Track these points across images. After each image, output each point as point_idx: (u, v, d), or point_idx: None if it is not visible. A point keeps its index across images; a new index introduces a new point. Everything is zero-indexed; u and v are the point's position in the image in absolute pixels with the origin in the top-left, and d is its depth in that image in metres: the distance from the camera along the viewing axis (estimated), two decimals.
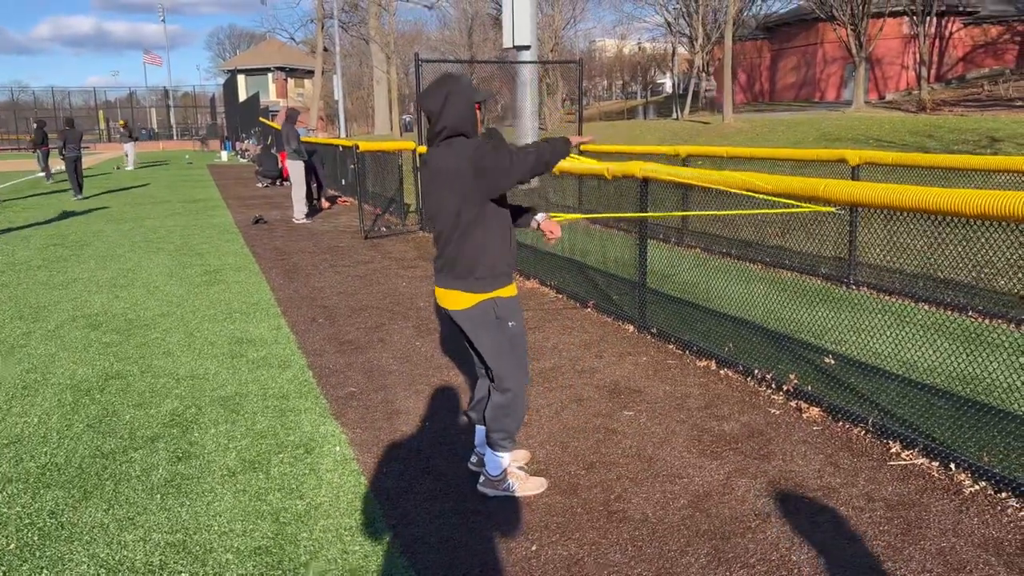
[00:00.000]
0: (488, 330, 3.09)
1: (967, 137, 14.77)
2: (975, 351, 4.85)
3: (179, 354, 5.32)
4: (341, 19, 42.75)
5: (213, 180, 21.07)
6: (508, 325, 3.12)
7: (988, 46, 44.11)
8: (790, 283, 6.86)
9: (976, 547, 2.80)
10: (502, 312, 3.11)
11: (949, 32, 43.20)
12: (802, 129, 18.91)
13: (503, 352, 3.11)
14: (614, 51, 66.66)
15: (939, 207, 3.25)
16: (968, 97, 33.27)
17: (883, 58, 40.89)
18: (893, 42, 40.28)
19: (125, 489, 3.38)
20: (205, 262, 8.73)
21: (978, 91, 34.54)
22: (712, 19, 36.56)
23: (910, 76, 41.59)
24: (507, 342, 3.12)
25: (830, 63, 44.36)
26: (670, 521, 3.05)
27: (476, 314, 3.07)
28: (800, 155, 7.43)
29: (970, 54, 44.03)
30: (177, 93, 72.99)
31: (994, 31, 44.05)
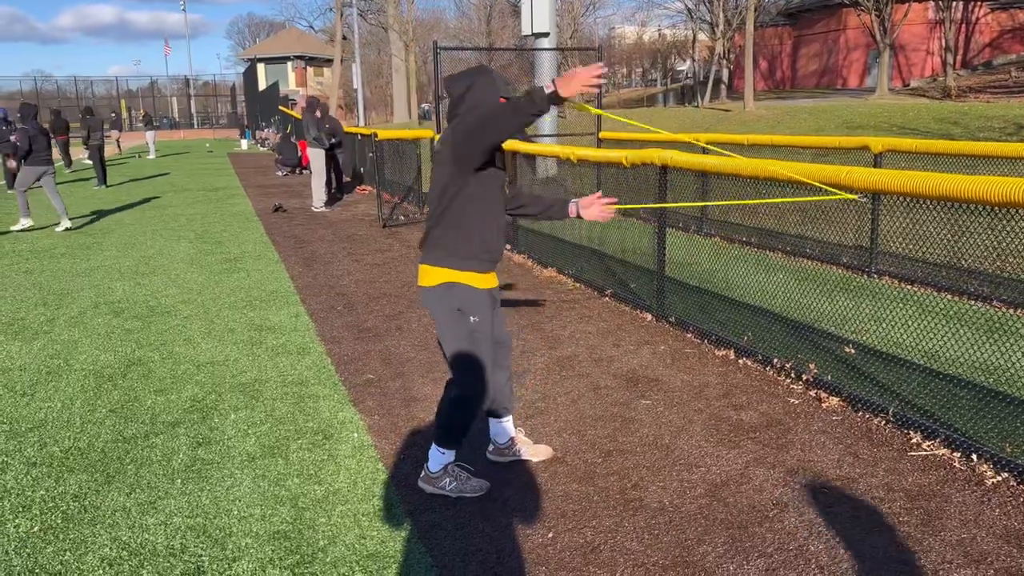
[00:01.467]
0: (447, 318, 3.00)
1: (993, 124, 14.56)
2: (999, 340, 4.79)
3: (199, 341, 5.37)
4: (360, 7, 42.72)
5: (233, 169, 21.19)
6: (469, 320, 3.00)
7: (1016, 31, 43.31)
8: (811, 272, 6.81)
9: (997, 538, 2.77)
10: (466, 304, 2.99)
11: (976, 17, 42.46)
12: (824, 117, 18.70)
13: (459, 347, 3.01)
14: (633, 38, 66.22)
15: (963, 195, 3.20)
16: (995, 83, 32.72)
17: (907, 44, 40.28)
18: (918, 28, 39.66)
19: (147, 474, 3.42)
20: (225, 250, 8.79)
21: (1005, 77, 33.95)
22: (733, 5, 36.17)
23: (935, 62, 40.97)
24: (466, 337, 3.01)
25: (853, 50, 43.77)
26: (687, 510, 3.04)
27: (437, 295, 2.99)
28: (822, 143, 7.35)
29: (997, 40, 43.27)
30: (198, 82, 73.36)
31: (1021, 16, 43.25)
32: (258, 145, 33.29)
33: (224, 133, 48.00)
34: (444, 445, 3.14)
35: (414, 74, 45.50)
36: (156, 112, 54.33)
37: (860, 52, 43.24)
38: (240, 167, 21.56)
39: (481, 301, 3.04)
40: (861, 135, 15.16)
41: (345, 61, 47.72)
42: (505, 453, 3.43)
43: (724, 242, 8.34)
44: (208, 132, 50.55)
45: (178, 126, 56.23)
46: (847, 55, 44.22)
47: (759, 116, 21.19)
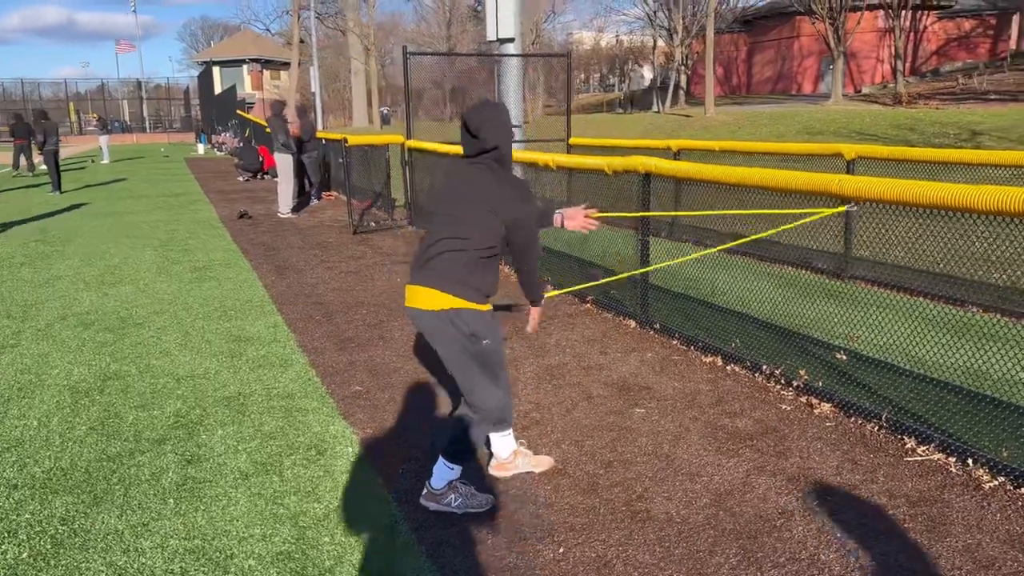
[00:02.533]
0: (457, 342, 2.97)
1: (947, 130, 14.95)
2: (979, 345, 4.88)
3: (177, 353, 5.22)
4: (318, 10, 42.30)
5: (191, 174, 20.77)
6: (483, 343, 2.98)
7: (961, 40, 44.65)
8: (786, 277, 6.88)
9: (1002, 543, 2.81)
10: (477, 327, 2.97)
11: (923, 26, 43.67)
12: (784, 122, 19.02)
13: (474, 370, 3.00)
14: (591, 44, 66.66)
15: (954, 203, 3.26)
16: (943, 90, 33.68)
17: (859, 52, 41.26)
18: (869, 36, 40.65)
19: (136, 493, 3.30)
20: (193, 258, 8.59)
21: (953, 84, 34.98)
22: (691, 12, 36.66)
23: (885, 69, 42.03)
24: (480, 360, 3.00)
25: (806, 56, 44.66)
26: (695, 520, 3.03)
27: (444, 319, 2.95)
28: (796, 149, 7.45)
29: (944, 47, 44.56)
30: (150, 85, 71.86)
31: (967, 25, 44.61)
32: (215, 149, 32.70)
33: (179, 137, 47.08)
34: (453, 461, 3.09)
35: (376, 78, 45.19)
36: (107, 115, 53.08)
37: (813, 59, 44.15)
38: (199, 172, 21.15)
39: (489, 322, 3.03)
40: (822, 140, 15.45)
41: (302, 64, 47.17)
42: (508, 467, 3.39)
43: (696, 247, 8.39)
44: (162, 136, 49.51)
45: (130, 130, 54.97)
46: (801, 62, 45.11)
47: (721, 121, 21.47)
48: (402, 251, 8.92)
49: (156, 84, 75.47)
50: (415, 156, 10.40)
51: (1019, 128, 14.01)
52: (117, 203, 14.18)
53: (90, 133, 42.09)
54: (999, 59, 41.16)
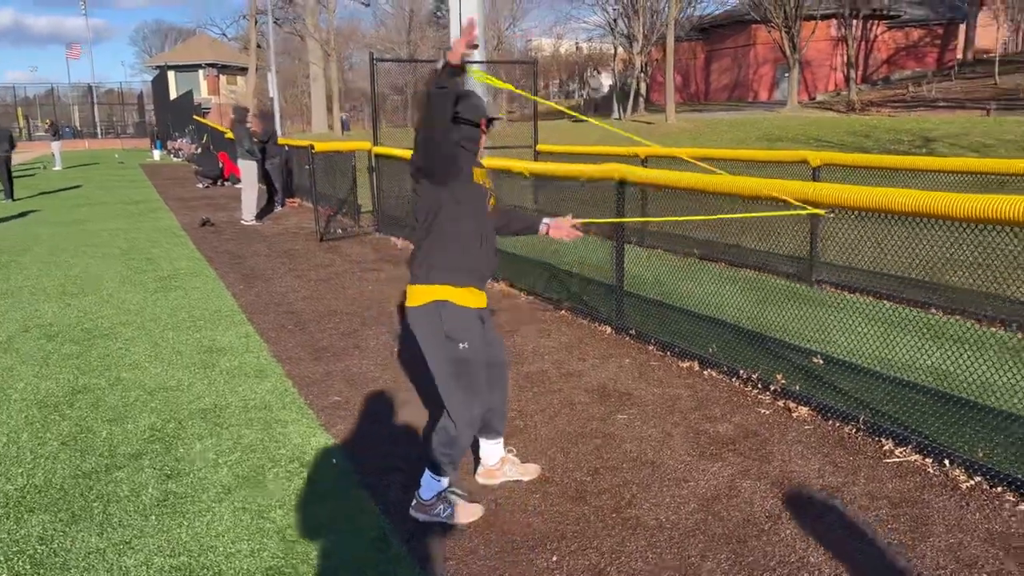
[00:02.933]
0: (435, 343, 2.94)
1: (902, 137, 15.33)
2: (946, 347, 5.01)
3: (147, 365, 5.11)
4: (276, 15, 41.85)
5: (149, 181, 20.38)
6: (459, 347, 2.93)
7: (910, 49, 45.91)
8: (755, 282, 6.99)
9: (983, 542, 2.89)
10: (455, 329, 2.92)
11: (874, 35, 44.79)
12: (744, 129, 19.33)
13: (450, 375, 2.97)
14: (551, 51, 67.04)
15: (932, 211, 3.34)
16: (894, 98, 34.58)
17: (813, 60, 42.14)
18: (822, 44, 41.56)
19: (116, 510, 3.22)
20: (157, 267, 8.42)
21: (903, 92, 35.92)
22: (650, 20, 37.08)
23: (838, 77, 43.00)
24: (456, 364, 2.95)
25: (762, 64, 45.50)
26: (684, 526, 3.06)
27: (424, 315, 2.93)
28: (763, 156, 7.57)
29: (894, 56, 45.77)
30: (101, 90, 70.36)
31: (915, 34, 45.88)
32: (172, 155, 32.13)
33: (133, 143, 46.09)
34: (438, 472, 3.07)
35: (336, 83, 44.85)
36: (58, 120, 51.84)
37: (769, 67, 44.99)
38: (156, 179, 20.76)
39: (470, 323, 2.99)
40: (781, 147, 15.74)
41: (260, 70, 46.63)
42: (496, 475, 3.39)
43: (667, 254, 8.47)
44: (115, 142, 48.46)
45: (81, 135, 53.74)
46: (757, 69, 45.94)
47: (682, 128, 21.75)
48: (371, 258, 8.86)
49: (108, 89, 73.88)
50: (382, 162, 10.35)
51: (970, 135, 14.44)
52: (74, 211, 13.84)
53: (40, 139, 41.08)
54: (946, 68, 42.41)
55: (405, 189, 9.83)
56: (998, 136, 15.01)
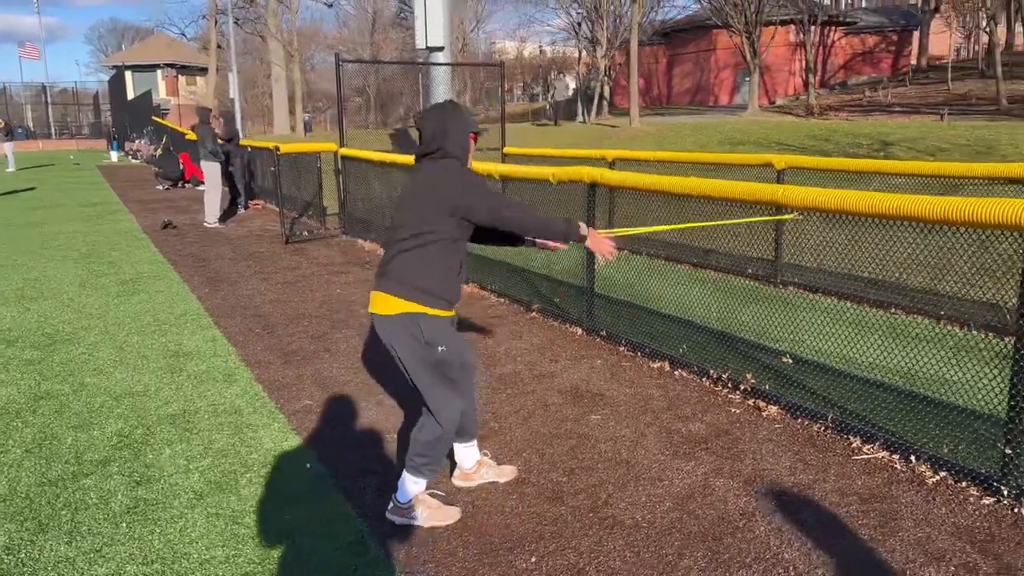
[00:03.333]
0: (412, 349, 2.94)
1: (861, 141, 15.65)
2: (908, 346, 5.12)
3: (111, 370, 5.01)
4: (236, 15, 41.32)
5: (107, 182, 19.97)
6: (437, 350, 2.95)
7: (866, 55, 46.88)
8: (722, 283, 7.08)
9: (950, 536, 2.96)
10: (432, 334, 2.94)
11: (832, 41, 45.63)
12: (706, 133, 19.57)
13: (430, 378, 2.97)
14: (514, 54, 67.20)
15: (897, 212, 3.43)
16: (851, 103, 35.29)
17: (772, 65, 42.80)
18: (781, 49, 42.23)
19: (84, 518, 3.16)
20: (119, 270, 8.26)
21: (860, 97, 36.68)
22: (613, 23, 37.37)
23: (797, 82, 43.74)
24: (435, 368, 2.97)
25: (723, 69, 46.08)
26: (660, 524, 3.09)
27: (398, 324, 2.93)
28: (729, 159, 7.68)
29: (850, 62, 46.69)
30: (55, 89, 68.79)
31: (871, 40, 46.86)
32: (129, 157, 31.54)
33: (88, 144, 45.13)
34: (417, 475, 3.06)
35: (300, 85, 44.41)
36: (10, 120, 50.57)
37: (729, 71, 45.59)
38: (114, 181, 20.35)
39: (445, 329, 3.01)
40: (744, 151, 15.98)
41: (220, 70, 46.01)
42: (472, 477, 3.39)
43: (632, 255, 8.54)
44: (70, 143, 47.41)
45: (35, 136, 52.48)
46: (718, 74, 46.51)
47: (646, 132, 21.95)
48: (338, 261, 8.79)
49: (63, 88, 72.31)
50: (348, 164, 10.28)
51: (926, 139, 14.79)
52: (29, 213, 13.51)
53: None
54: (901, 73, 43.40)
55: (372, 191, 9.78)
56: (952, 140, 15.40)
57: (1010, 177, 5.99)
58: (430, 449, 3.03)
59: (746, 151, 15.88)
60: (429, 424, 3.02)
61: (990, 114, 23.79)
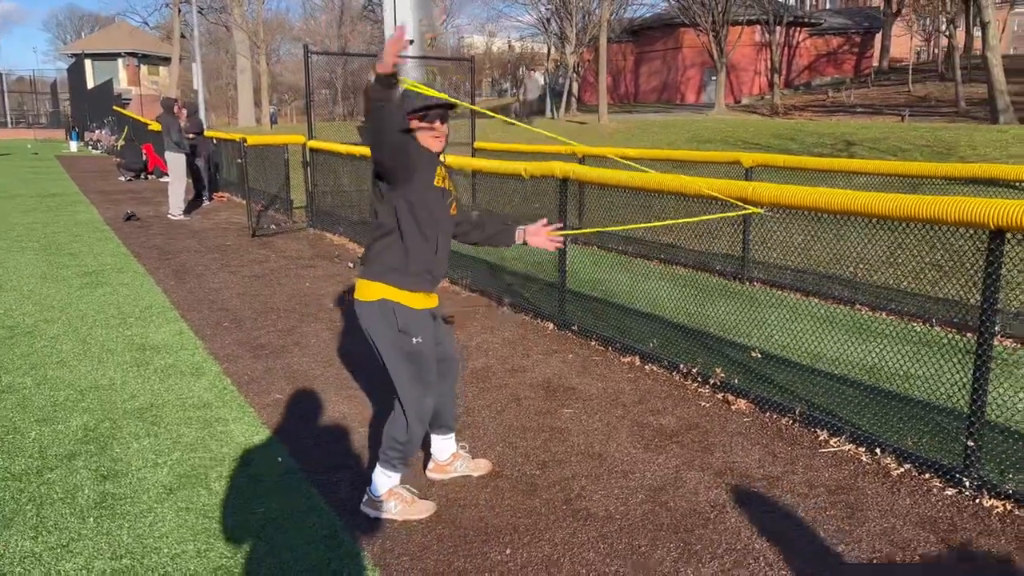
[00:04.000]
0: (387, 338, 2.92)
1: (824, 140, 15.89)
2: (872, 342, 5.23)
3: (75, 364, 4.92)
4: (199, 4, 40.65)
5: (66, 173, 19.55)
6: (412, 340, 2.92)
7: (830, 56, 47.59)
8: (691, 279, 7.15)
9: (914, 526, 3.03)
10: (407, 324, 2.91)
11: (796, 41, 46.22)
12: (674, 130, 19.73)
13: (403, 369, 2.95)
14: (483, 48, 67.09)
15: (865, 210, 3.49)
16: (814, 103, 35.82)
17: (738, 64, 43.27)
18: (747, 49, 42.70)
19: (50, 513, 3.10)
20: (81, 262, 8.10)
21: (823, 97, 37.25)
22: (583, 21, 37.46)
23: (762, 82, 44.29)
24: (408, 359, 2.94)
25: (689, 67, 46.46)
26: (633, 517, 3.12)
27: (375, 311, 2.91)
28: (698, 157, 7.75)
29: (814, 63, 47.36)
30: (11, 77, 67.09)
31: (835, 42, 47.57)
32: (89, 147, 30.91)
33: (46, 133, 44.12)
34: (390, 469, 3.05)
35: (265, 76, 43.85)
36: None
37: (696, 70, 45.99)
38: (74, 171, 19.92)
39: (421, 321, 2.98)
40: (711, 148, 16.14)
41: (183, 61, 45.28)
42: (447, 470, 3.39)
43: (600, 251, 8.59)
44: (27, 132, 46.30)
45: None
46: (684, 72, 46.88)
47: (615, 129, 22.05)
48: (307, 254, 8.71)
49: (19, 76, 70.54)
50: (316, 157, 10.19)
51: (888, 139, 15.08)
52: None
53: None
54: (864, 75, 44.15)
55: (341, 184, 9.71)
56: (913, 141, 15.71)
57: (969, 177, 6.14)
58: (401, 442, 3.02)
59: (713, 148, 16.04)
60: (400, 417, 3.01)
61: (949, 116, 24.32)
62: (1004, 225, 2.99)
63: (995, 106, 20.02)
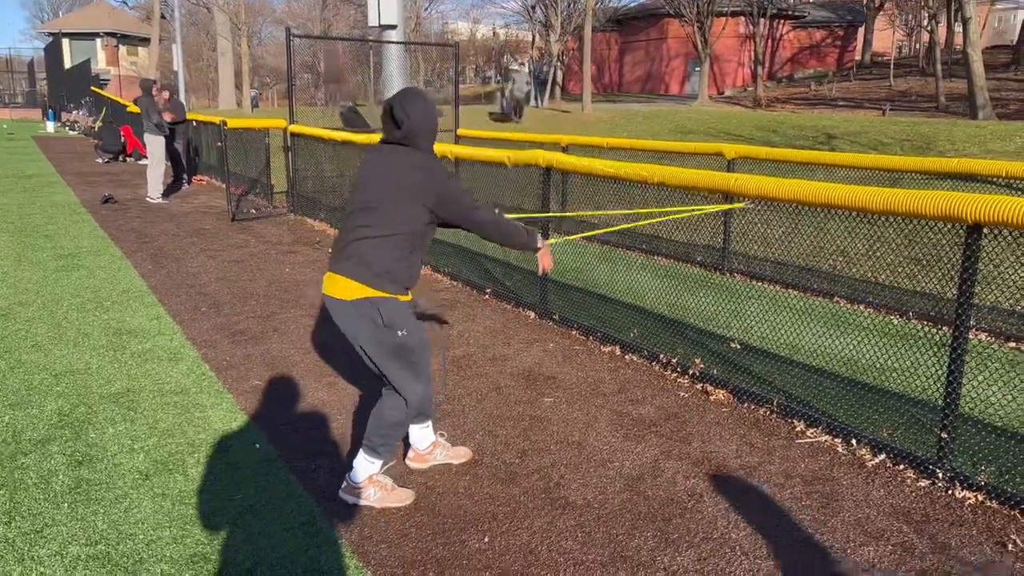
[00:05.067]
0: (372, 333, 2.91)
1: (807, 133, 15.99)
2: (850, 334, 5.28)
3: (50, 348, 4.86)
4: None
5: (43, 154, 19.25)
6: (397, 334, 2.93)
7: (812, 48, 47.79)
8: (671, 270, 7.18)
9: (888, 516, 3.07)
10: (392, 318, 2.91)
11: (780, 34, 46.35)
12: (658, 121, 19.75)
13: (392, 360, 2.95)
14: (467, 35, 66.71)
15: (845, 202, 3.52)
16: (797, 95, 35.97)
17: (722, 55, 43.33)
18: (731, 40, 42.77)
19: (24, 498, 3.06)
20: (56, 245, 7.99)
21: (805, 90, 37.42)
22: (568, 9, 37.32)
23: (745, 73, 44.39)
24: (397, 350, 2.95)
25: (673, 58, 46.45)
26: (611, 505, 3.14)
27: (356, 310, 2.89)
28: (681, 148, 7.76)
29: (797, 55, 47.53)
30: None
31: (818, 35, 47.76)
32: (67, 128, 30.46)
33: (22, 113, 43.38)
34: (373, 456, 3.04)
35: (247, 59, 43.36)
36: None
37: (680, 60, 45.99)
38: (51, 152, 19.62)
39: (404, 312, 2.98)
40: (694, 139, 16.18)
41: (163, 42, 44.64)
42: (426, 459, 3.39)
43: (582, 241, 8.59)
44: (2, 112, 45.52)
45: None
46: (669, 63, 46.87)
47: (598, 118, 22.04)
48: (288, 240, 8.65)
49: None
50: (298, 141, 10.10)
51: (868, 133, 15.19)
52: None
53: None
54: (846, 68, 44.38)
55: (322, 170, 9.64)
56: (893, 135, 15.83)
57: (947, 172, 6.20)
58: (390, 430, 3.02)
59: (696, 139, 16.08)
60: (394, 406, 3.00)
61: (929, 111, 24.53)
62: (981, 219, 3.02)
63: (974, 102, 20.22)
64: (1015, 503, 3.10)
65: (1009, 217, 2.92)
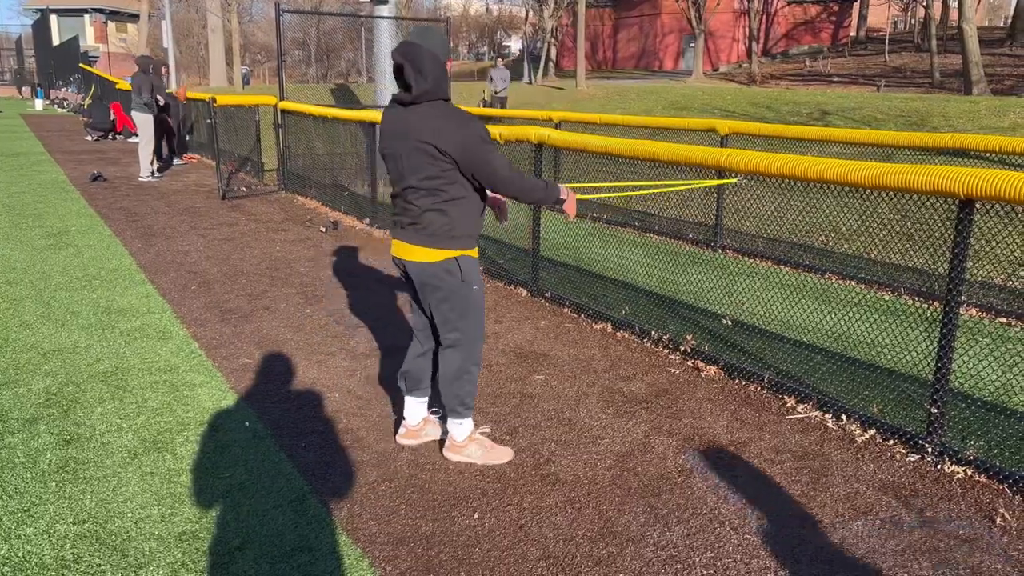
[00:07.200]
0: (454, 290, 3.04)
1: (800, 109, 15.89)
2: (841, 310, 5.28)
3: (39, 326, 4.82)
4: None
5: (31, 131, 19.08)
6: (472, 288, 3.08)
7: (807, 24, 47.47)
8: (663, 248, 7.16)
9: (877, 491, 3.08)
10: (469, 274, 3.06)
11: (775, 9, 45.99)
12: (651, 97, 19.63)
13: (469, 315, 3.10)
14: (460, 11, 66.08)
15: (837, 178, 3.49)
16: (791, 72, 35.77)
17: (716, 31, 43.02)
18: (725, 16, 42.45)
19: (11, 477, 3.05)
20: (45, 223, 7.92)
21: (800, 66, 37.21)
22: None
23: (740, 49, 44.12)
24: (473, 305, 3.10)
25: (667, 34, 46.11)
26: (601, 481, 3.14)
27: (443, 269, 3.01)
28: (675, 124, 7.71)
29: (792, 31, 47.21)
30: None
31: (813, 11, 47.41)
32: (56, 106, 30.16)
33: (9, 91, 43.02)
34: (458, 417, 3.20)
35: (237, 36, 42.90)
36: None
37: (674, 37, 45.65)
38: (40, 130, 19.45)
39: (476, 268, 3.13)
40: (688, 116, 16.09)
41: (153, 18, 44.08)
42: (417, 435, 3.38)
43: (576, 217, 8.57)
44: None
45: None
46: (663, 39, 46.51)
47: (591, 95, 21.90)
48: (278, 218, 8.59)
49: None
50: (289, 119, 10.01)
51: (862, 109, 15.10)
52: None
53: None
54: (840, 44, 44.15)
55: (313, 147, 9.56)
56: (887, 111, 15.75)
57: (941, 148, 6.17)
58: (469, 386, 3.19)
59: (691, 116, 16.00)
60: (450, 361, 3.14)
61: (924, 87, 24.44)
62: (973, 194, 3.01)
63: (969, 77, 20.13)
64: (1003, 477, 3.11)
65: (1001, 192, 2.90)
